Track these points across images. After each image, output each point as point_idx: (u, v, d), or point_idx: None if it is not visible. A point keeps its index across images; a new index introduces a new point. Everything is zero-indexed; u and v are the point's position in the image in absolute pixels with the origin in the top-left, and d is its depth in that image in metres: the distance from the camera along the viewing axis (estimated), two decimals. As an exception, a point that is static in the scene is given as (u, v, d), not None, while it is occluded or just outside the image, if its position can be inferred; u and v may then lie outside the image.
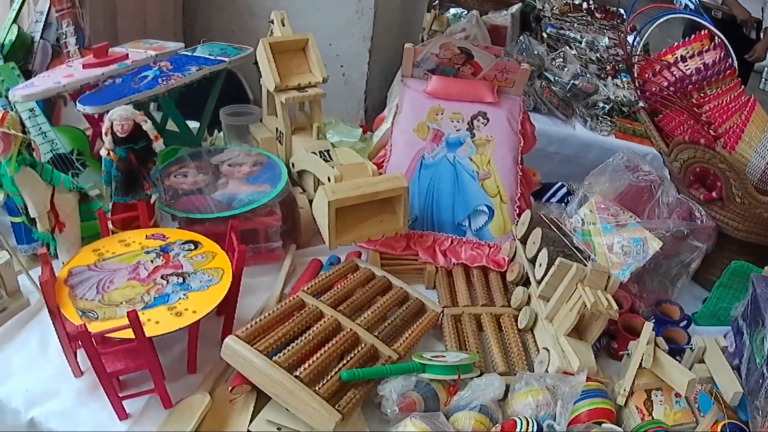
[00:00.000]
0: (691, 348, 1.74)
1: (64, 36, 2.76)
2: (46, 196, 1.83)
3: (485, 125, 2.51)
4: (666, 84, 2.38)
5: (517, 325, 1.97)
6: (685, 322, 2.02)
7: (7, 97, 2.41)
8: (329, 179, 2.10)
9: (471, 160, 2.42)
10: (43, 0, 2.94)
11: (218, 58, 2.40)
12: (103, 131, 1.91)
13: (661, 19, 3.42)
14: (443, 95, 2.57)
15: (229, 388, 1.68)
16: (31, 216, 1.84)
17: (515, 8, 4.58)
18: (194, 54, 2.52)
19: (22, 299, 2.00)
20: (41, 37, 2.90)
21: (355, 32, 3.46)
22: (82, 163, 2.35)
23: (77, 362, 1.77)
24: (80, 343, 1.59)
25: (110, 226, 1.97)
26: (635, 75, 2.64)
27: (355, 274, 2.06)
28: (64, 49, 2.76)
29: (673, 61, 2.41)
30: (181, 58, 2.42)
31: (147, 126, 1.90)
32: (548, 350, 1.74)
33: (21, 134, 1.78)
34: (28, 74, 2.62)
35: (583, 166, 3.09)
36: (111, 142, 1.90)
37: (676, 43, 2.52)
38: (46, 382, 1.78)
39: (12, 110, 2.36)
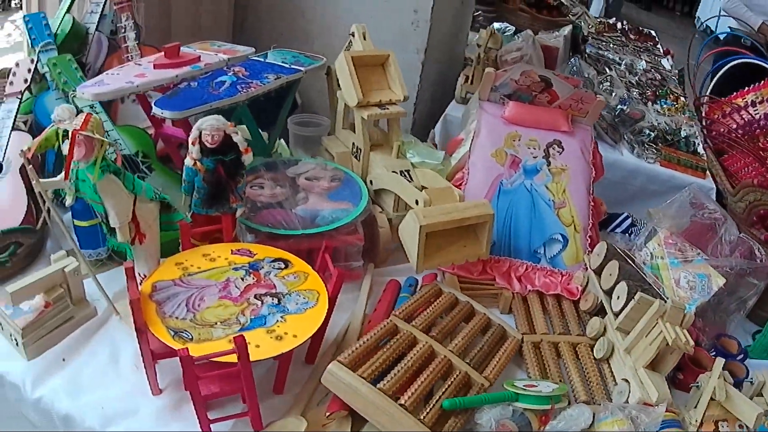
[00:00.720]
0: (750, 381, 1.84)
1: (122, 30, 2.71)
2: (129, 206, 1.77)
3: (560, 154, 2.50)
4: (734, 126, 2.37)
5: (593, 355, 1.98)
6: (743, 355, 2.10)
7: (64, 90, 2.34)
8: (417, 202, 2.07)
9: (547, 188, 2.42)
10: (99, -9, 2.87)
11: (293, 66, 2.34)
12: (190, 140, 1.84)
13: (732, 63, 3.38)
14: (520, 122, 2.56)
15: (327, 413, 1.63)
16: (111, 225, 1.75)
17: (567, 30, 4.53)
18: (266, 60, 2.48)
19: (88, 308, 1.93)
20: (96, 29, 2.84)
21: (409, 44, 3.40)
22: (148, 167, 2.28)
23: (156, 379, 1.71)
24: (181, 367, 1.50)
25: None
26: (702, 114, 2.62)
27: (440, 299, 2.03)
28: (122, 44, 2.71)
29: (743, 105, 2.39)
30: (254, 64, 2.40)
31: (238, 138, 1.83)
32: (628, 381, 1.77)
33: (105, 139, 1.70)
34: (82, 66, 2.58)
35: (628, 192, 3.09)
36: (198, 152, 1.83)
37: (747, 87, 2.50)
38: (122, 400, 1.72)
39: (70, 104, 2.29)
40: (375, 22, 3.38)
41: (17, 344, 1.79)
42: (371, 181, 2.34)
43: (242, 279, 1.71)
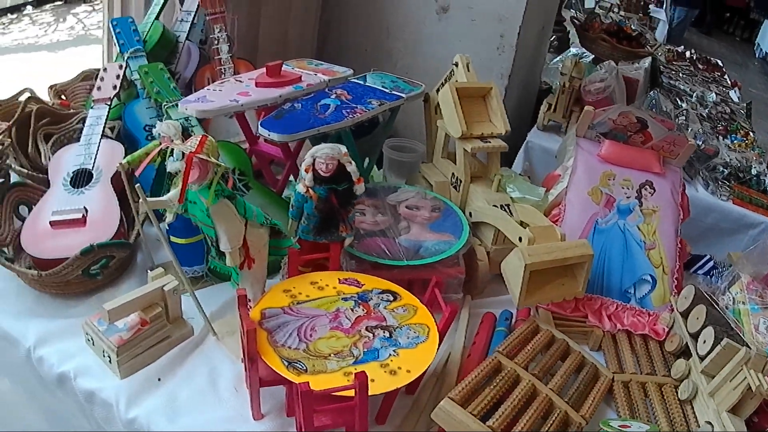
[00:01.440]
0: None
1: (215, 41, 2.71)
2: (241, 231, 1.75)
3: (652, 195, 2.49)
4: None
5: (677, 396, 1.97)
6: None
7: (156, 100, 2.33)
8: (520, 240, 2.06)
9: (639, 228, 2.40)
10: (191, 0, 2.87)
11: (393, 92, 2.31)
12: (303, 167, 1.82)
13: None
14: (615, 161, 2.55)
15: None
16: (222, 249, 1.73)
17: (647, 62, 4.50)
18: (366, 84, 2.45)
19: (185, 328, 1.92)
20: (187, 38, 2.83)
21: (494, 68, 3.38)
22: (245, 185, 2.26)
23: (260, 405, 1.69)
24: (299, 401, 1.48)
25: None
26: None
27: (538, 336, 2.02)
28: (215, 56, 2.70)
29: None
30: (355, 87, 2.35)
31: (351, 168, 1.81)
32: (711, 424, 1.78)
33: (221, 163, 1.68)
34: (171, 75, 2.57)
35: (700, 229, 3.08)
36: (312, 180, 1.80)
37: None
38: (223, 424, 1.70)
39: (163, 116, 2.28)
40: (461, 45, 3.38)
41: (110, 361, 1.77)
42: (471, 213, 2.32)
43: (352, 310, 1.70)
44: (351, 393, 1.47)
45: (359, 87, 2.33)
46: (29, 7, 13.46)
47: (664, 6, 10.39)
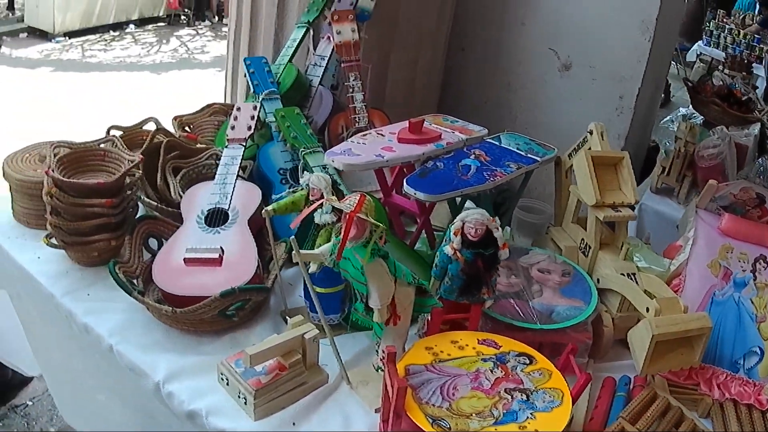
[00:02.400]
0: None
1: (350, 89, 2.76)
2: (392, 289, 1.79)
3: (765, 269, 2.49)
4: None
5: None
6: None
7: (293, 145, 2.39)
8: (647, 310, 2.09)
9: (752, 302, 2.41)
10: (325, 44, 2.93)
11: (528, 155, 2.34)
12: (453, 230, 1.87)
13: None
14: (734, 234, 2.56)
15: None
16: (371, 306, 1.79)
17: (756, 128, 4.48)
18: (501, 145, 2.49)
19: (321, 375, 1.96)
20: (320, 83, 2.89)
21: (611, 129, 3.41)
22: (384, 240, 2.30)
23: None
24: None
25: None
26: None
27: (656, 403, 2.04)
28: (349, 104, 2.75)
29: None
30: (492, 148, 2.38)
31: (498, 233, 1.86)
32: None
33: (379, 224, 1.73)
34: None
35: None
36: (460, 243, 1.85)
37: None
38: (356, 473, 1.71)
39: (300, 161, 2.33)
40: (581, 104, 3.42)
41: (246, 403, 1.81)
42: (598, 280, 2.35)
43: (491, 371, 1.71)
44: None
45: (495, 148, 2.36)
46: (132, 26, 13.71)
47: (764, 63, 10.30)
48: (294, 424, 1.83)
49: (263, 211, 2.09)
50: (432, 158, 2.20)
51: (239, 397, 1.79)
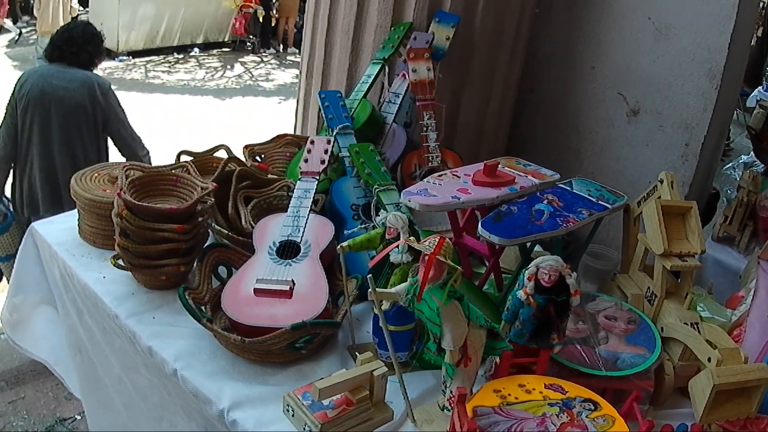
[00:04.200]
0: None
1: (424, 128, 2.78)
2: (464, 332, 1.83)
3: (824, 322, 2.46)
4: None
5: None
6: None
7: (367, 182, 2.41)
8: (709, 360, 2.12)
9: (806, 352, 2.39)
10: (400, 81, 2.96)
11: (599, 201, 2.37)
12: (527, 275, 1.91)
13: None
14: (795, 286, 2.53)
15: None
16: (444, 347, 1.83)
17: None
18: (573, 191, 2.51)
19: (387, 412, 1.98)
20: (394, 120, 2.92)
21: (676, 176, 3.39)
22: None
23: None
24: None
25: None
26: None
27: (709, 453, 2.03)
28: (423, 143, 2.77)
29: None
30: (564, 193, 2.41)
31: (570, 280, 1.89)
32: None
33: (457, 267, 1.77)
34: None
35: None
36: (533, 288, 1.89)
37: None
38: None
39: (374, 198, 2.36)
40: (646, 150, 3.43)
41: None
42: (662, 328, 2.37)
43: (557, 416, 1.74)
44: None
45: (567, 194, 2.40)
46: (196, 50, 13.86)
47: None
48: (358, 458, 1.87)
49: (338, 247, 2.13)
50: (506, 202, 2.20)
51: (304, 429, 1.78)
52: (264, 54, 15.17)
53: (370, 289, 1.84)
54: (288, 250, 2.28)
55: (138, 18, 13.25)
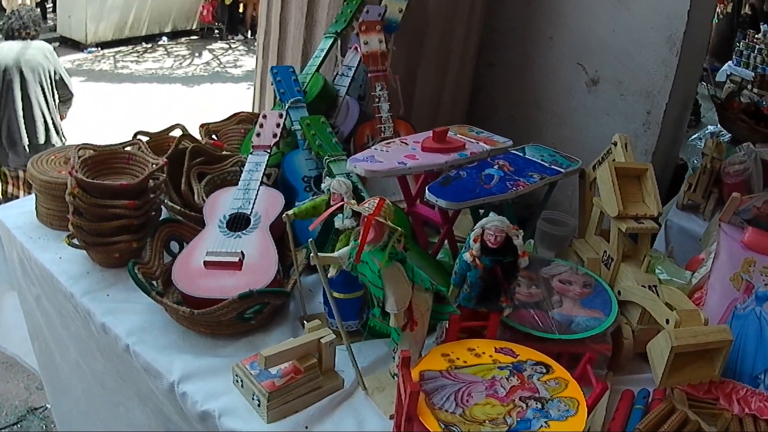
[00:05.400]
0: None
1: (376, 99, 2.74)
2: (408, 294, 1.78)
3: (788, 283, 2.45)
4: None
5: None
6: None
7: (318, 153, 2.38)
8: (667, 322, 2.08)
9: (773, 317, 2.36)
10: (353, 54, 2.93)
11: (552, 166, 2.33)
12: (472, 237, 1.87)
13: None
14: (757, 248, 2.54)
15: None
16: (388, 311, 1.78)
17: (784, 145, 4.46)
18: (526, 156, 2.48)
19: (336, 380, 1.96)
20: (347, 93, 2.89)
21: (638, 145, 3.41)
22: (404, 246, 2.30)
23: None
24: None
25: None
26: None
27: (673, 416, 2.03)
28: (376, 113, 2.74)
29: None
30: (516, 159, 2.37)
31: (518, 241, 1.85)
32: None
33: (397, 228, 1.73)
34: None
35: None
36: (479, 250, 1.85)
37: None
38: (368, 476, 1.70)
39: (324, 170, 2.34)
40: (607, 119, 3.40)
41: (259, 405, 1.80)
42: (619, 292, 2.34)
43: (507, 379, 1.70)
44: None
45: (520, 159, 2.36)
46: (165, 38, 13.80)
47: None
48: (306, 427, 1.83)
49: (284, 215, 2.09)
50: (455, 167, 2.17)
51: (253, 399, 1.78)
52: (232, 40, 15.15)
53: (312, 254, 1.78)
54: (238, 223, 2.25)
55: (106, 9, 13.18)
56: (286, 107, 2.73)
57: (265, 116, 2.66)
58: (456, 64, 3.61)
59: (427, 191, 2.02)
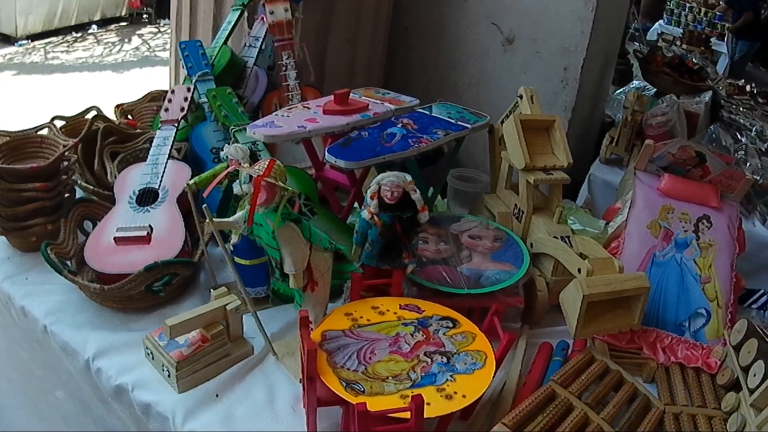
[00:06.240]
0: None
1: (284, 68, 2.72)
2: (306, 254, 1.76)
3: (709, 229, 2.49)
4: None
5: (726, 429, 1.97)
6: None
7: (224, 124, 2.36)
8: (579, 271, 2.05)
9: (695, 262, 2.40)
10: (259, 25, 2.90)
11: (459, 123, 2.31)
12: (369, 193, 1.84)
13: None
14: (674, 195, 2.55)
15: None
16: (286, 272, 1.75)
17: (708, 96, 4.48)
18: (432, 114, 2.46)
19: (246, 347, 1.94)
20: (255, 64, 2.86)
21: (557, 102, 3.40)
22: (311, 210, 2.28)
23: (316, 425, 1.72)
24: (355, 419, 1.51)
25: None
26: None
27: (592, 366, 2.02)
28: (283, 82, 2.72)
29: None
30: (421, 117, 2.36)
31: (416, 196, 1.83)
32: None
33: (288, 187, 1.71)
34: (239, 100, 2.61)
35: (756, 264, 3.07)
36: (377, 207, 1.83)
37: None
38: (279, 442, 1.70)
39: (230, 138, 2.31)
40: (525, 78, 3.39)
41: (169, 375, 1.80)
42: (531, 244, 2.33)
43: (412, 335, 1.70)
44: (407, 415, 1.49)
45: (425, 117, 2.34)
46: (94, 27, 13.66)
47: (726, 40, 10.37)
48: (217, 395, 1.82)
49: (185, 185, 2.06)
50: (358, 129, 2.14)
51: (163, 370, 1.78)
52: (161, 24, 15.00)
53: (207, 220, 1.76)
54: (147, 198, 2.28)
55: (35, 1, 13.00)
56: (194, 80, 2.69)
57: (173, 91, 2.65)
58: (368, 30, 3.58)
59: (326, 153, 1.99)
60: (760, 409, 1.91)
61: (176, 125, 2.53)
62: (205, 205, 1.79)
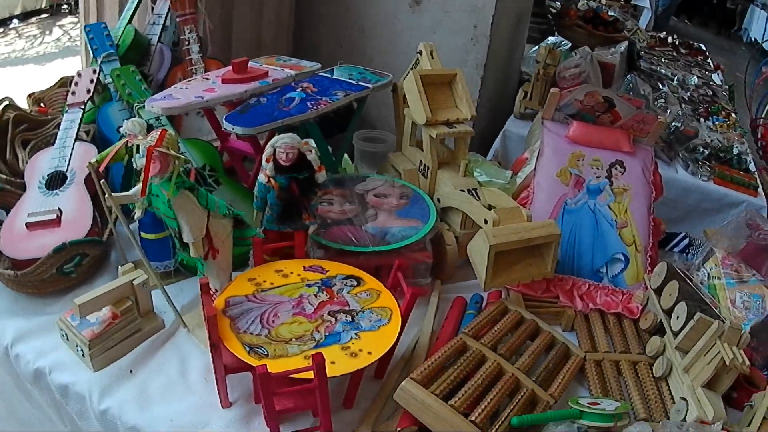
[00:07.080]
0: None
1: (186, 42, 2.71)
2: (203, 222, 1.76)
3: (622, 174, 2.51)
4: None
5: (652, 373, 1.99)
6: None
7: (128, 102, 2.35)
8: (486, 222, 2.07)
9: (610, 208, 2.42)
10: (162, 2, 2.88)
11: (360, 83, 2.32)
12: (264, 157, 1.84)
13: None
14: (584, 141, 2.56)
15: (397, 428, 1.64)
16: (185, 241, 1.75)
17: (623, 46, 4.51)
18: (334, 77, 2.47)
19: (156, 321, 1.95)
20: (159, 41, 2.85)
21: (469, 59, 3.39)
22: (215, 180, 2.28)
23: (227, 392, 1.73)
24: (258, 383, 1.52)
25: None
26: (759, 136, 2.61)
27: (506, 317, 2.04)
28: (186, 56, 2.71)
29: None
30: (322, 80, 2.35)
31: (311, 156, 1.83)
32: (686, 400, 1.78)
33: (181, 155, 1.70)
34: (145, 77, 2.62)
35: (682, 210, 3.10)
36: (273, 170, 1.83)
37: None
38: (192, 412, 1.72)
39: (135, 116, 2.30)
40: (434, 37, 3.39)
41: (83, 355, 1.80)
42: (439, 199, 2.33)
43: (315, 296, 1.71)
44: (310, 375, 1.50)
45: (326, 80, 2.34)
46: (15, 21, 13.46)
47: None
48: (131, 371, 1.83)
49: (87, 164, 2.04)
50: (256, 95, 2.13)
51: (77, 350, 1.79)
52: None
53: (106, 195, 1.75)
54: (55, 181, 2.27)
55: (-45, -1, 12.83)
56: (99, 62, 2.67)
57: (79, 74, 2.64)
58: (274, 1, 3.56)
59: (224, 121, 1.98)
60: (685, 351, 1.93)
61: (83, 107, 2.51)
62: (102, 180, 1.78)
